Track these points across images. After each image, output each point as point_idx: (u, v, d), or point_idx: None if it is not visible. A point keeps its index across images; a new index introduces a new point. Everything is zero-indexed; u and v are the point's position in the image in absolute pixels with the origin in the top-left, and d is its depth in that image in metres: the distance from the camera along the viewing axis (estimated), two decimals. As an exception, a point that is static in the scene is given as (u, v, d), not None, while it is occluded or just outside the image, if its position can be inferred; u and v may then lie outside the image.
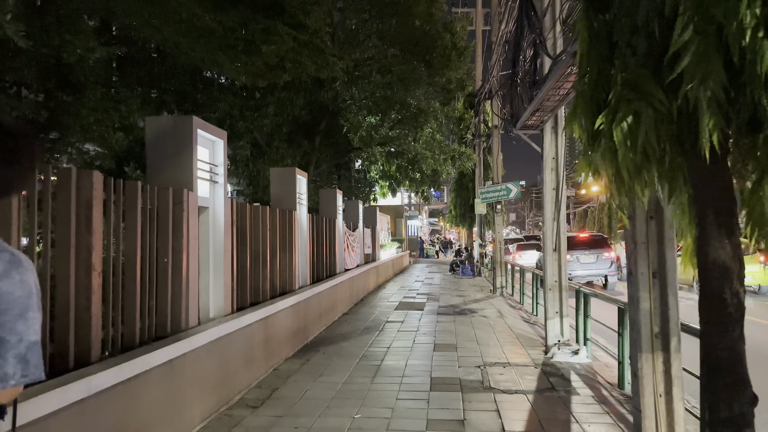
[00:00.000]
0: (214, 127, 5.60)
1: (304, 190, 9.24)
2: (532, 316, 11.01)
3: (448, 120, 22.05)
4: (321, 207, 12.27)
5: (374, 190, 23.09)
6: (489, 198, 15.12)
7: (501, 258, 15.16)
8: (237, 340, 5.54)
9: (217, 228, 5.65)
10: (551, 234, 7.49)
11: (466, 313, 11.47)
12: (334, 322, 10.25)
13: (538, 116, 7.08)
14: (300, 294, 8.03)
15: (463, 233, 49.22)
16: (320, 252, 10.43)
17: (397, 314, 11.28)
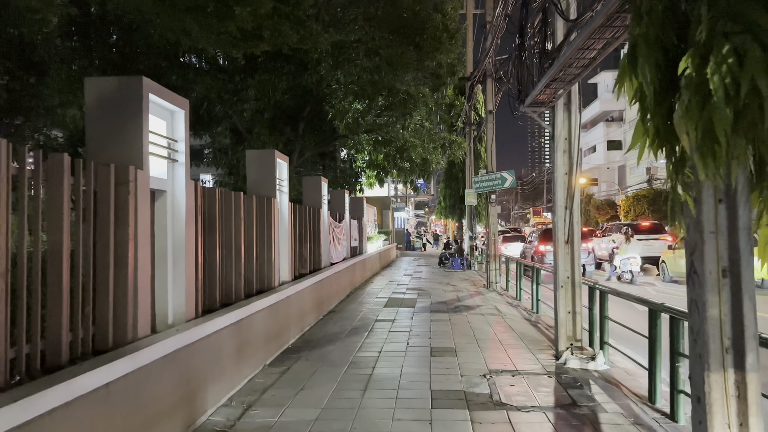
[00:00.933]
0: (172, 94, 4.65)
1: (285, 176, 8.31)
2: (532, 313, 10.20)
3: (437, 107, 21.17)
4: (304, 196, 11.34)
5: (360, 180, 22.19)
6: (483, 188, 14.29)
7: (495, 251, 14.35)
8: (202, 350, 4.62)
9: (177, 216, 4.71)
10: (563, 224, 6.64)
11: (461, 310, 10.63)
12: (319, 322, 9.35)
13: (551, 90, 6.21)
14: (280, 292, 7.12)
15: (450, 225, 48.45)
16: (303, 245, 9.51)
17: (387, 312, 10.41)
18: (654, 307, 4.91)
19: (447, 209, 25.83)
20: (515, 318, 9.67)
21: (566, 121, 6.67)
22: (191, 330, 4.41)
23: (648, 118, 2.92)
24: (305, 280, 8.66)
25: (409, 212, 49.06)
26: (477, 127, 21.45)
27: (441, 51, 16.82)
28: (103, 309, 3.69)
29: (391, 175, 20.23)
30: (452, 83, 21.45)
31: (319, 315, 9.77)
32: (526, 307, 10.96)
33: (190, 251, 4.80)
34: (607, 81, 76.61)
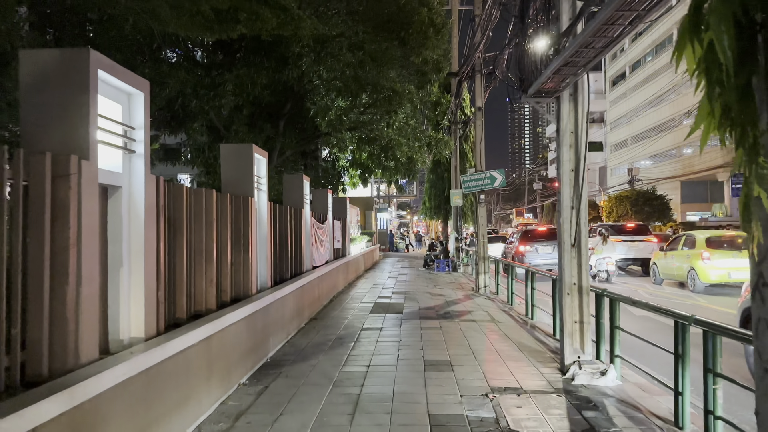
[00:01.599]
0: (129, 73, 3.96)
1: (264, 173, 7.63)
2: (526, 319, 9.64)
3: (423, 104, 20.58)
4: (285, 195, 10.66)
5: (343, 180, 21.53)
6: (472, 187, 13.73)
7: (485, 253, 13.79)
8: (163, 373, 3.94)
9: (135, 216, 4.02)
10: (569, 226, 6.07)
11: (452, 316, 10.03)
12: (301, 331, 8.68)
13: (559, 77, 5.63)
14: (258, 300, 6.44)
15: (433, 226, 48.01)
16: (284, 248, 8.83)
17: (374, 319, 9.77)
18: (681, 319, 4.35)
19: (432, 210, 25.26)
20: (510, 325, 9.09)
21: (572, 113, 6.11)
22: (150, 351, 3.73)
23: (717, 94, 2.33)
24: (286, 285, 7.98)
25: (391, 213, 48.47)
26: (463, 126, 20.94)
27: (427, 46, 16.26)
28: (36, 330, 3.01)
29: (376, 175, 19.59)
30: (438, 80, 20.93)
31: (301, 323, 9.10)
32: (519, 312, 10.41)
33: (151, 257, 4.11)
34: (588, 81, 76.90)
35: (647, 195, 40.68)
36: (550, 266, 18.27)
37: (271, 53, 15.42)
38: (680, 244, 15.19)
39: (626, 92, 62.23)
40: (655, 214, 39.68)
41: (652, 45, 56.47)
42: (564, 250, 6.08)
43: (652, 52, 56.80)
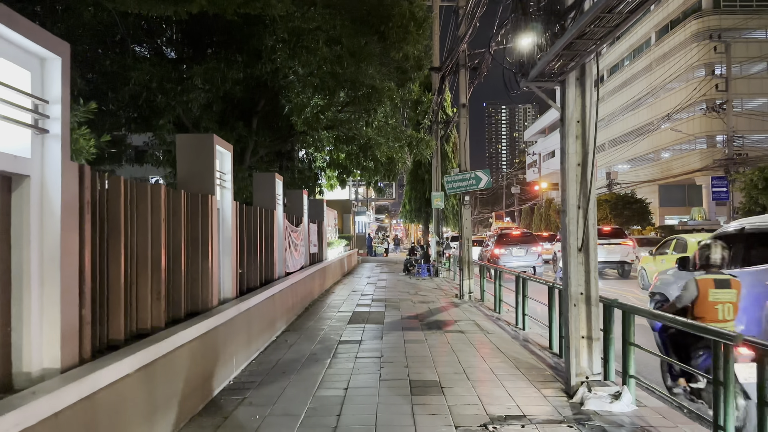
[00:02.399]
0: (40, 31, 3.09)
1: (229, 168, 6.77)
2: (518, 330, 8.90)
3: (403, 103, 19.85)
4: (255, 195, 9.79)
5: (320, 182, 20.68)
6: (456, 188, 13.00)
7: (469, 257, 13.05)
8: (81, 417, 3.07)
9: (49, 213, 3.15)
10: (576, 227, 5.33)
11: (437, 326, 9.25)
12: (271, 345, 7.81)
13: (564, 59, 4.89)
14: (220, 314, 5.57)
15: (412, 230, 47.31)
16: (252, 253, 7.95)
17: (352, 330, 8.95)
18: (725, 338, 3.61)
19: (412, 213, 24.50)
20: (501, 337, 8.34)
21: (579, 99, 5.38)
22: (62, 389, 2.86)
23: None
24: (254, 295, 7.11)
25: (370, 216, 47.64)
26: (444, 126, 20.25)
27: (408, 41, 15.54)
28: None
29: (354, 176, 18.76)
30: (419, 79, 20.21)
31: (272, 336, 8.22)
32: (508, 321, 9.67)
33: (70, 265, 3.24)
34: (566, 86, 77.22)
35: (627, 198, 40.54)
36: (524, 268, 18.86)
37: (243, 47, 14.55)
38: (671, 248, 14.68)
39: (604, 96, 62.38)
40: (635, 218, 39.54)
41: (629, 49, 56.73)
42: (569, 255, 5.33)
43: (629, 56, 57.06)
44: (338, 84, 15.24)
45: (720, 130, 41.83)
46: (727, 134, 32.38)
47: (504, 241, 21.74)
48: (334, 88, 15.39)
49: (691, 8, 45.81)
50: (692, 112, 44.18)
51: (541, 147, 79.47)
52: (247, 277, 7.78)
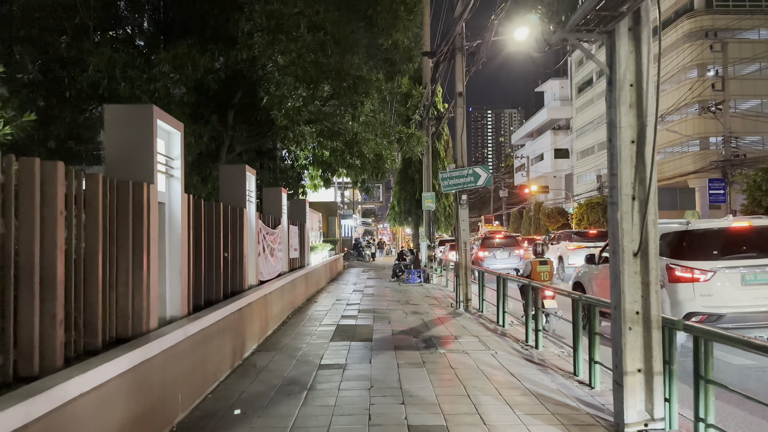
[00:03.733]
0: None
1: (178, 152, 5.39)
2: (530, 349, 7.57)
3: (392, 96, 18.53)
4: (222, 191, 8.39)
5: (304, 182, 19.28)
6: (452, 186, 11.68)
7: (467, 262, 11.73)
8: None
9: None
10: (630, 225, 4.01)
11: (435, 344, 7.89)
12: (236, 372, 6.40)
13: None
14: (156, 341, 4.17)
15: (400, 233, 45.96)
16: (214, 259, 6.55)
17: (336, 350, 7.56)
18: None
19: (401, 215, 23.13)
20: (512, 359, 7.00)
21: (633, 56, 4.08)
22: None
23: None
24: (212, 312, 5.70)
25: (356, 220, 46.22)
26: (436, 123, 18.98)
27: (397, 28, 14.26)
28: None
29: (339, 175, 17.37)
30: (408, 72, 18.89)
31: (238, 359, 6.81)
32: (516, 338, 8.35)
33: None
34: (554, 89, 76.45)
35: (620, 201, 39.55)
36: (506, 270, 18.27)
37: (217, 33, 13.12)
38: None
39: (593, 98, 61.67)
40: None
41: (619, 51, 55.91)
42: (622, 261, 4.01)
43: (619, 58, 56.21)
44: (322, 74, 13.83)
45: (714, 132, 41.11)
46: (724, 135, 31.56)
47: (488, 245, 22.64)
48: (318, 78, 13.97)
49: (683, 8, 45.06)
50: (684, 114, 43.39)
51: (529, 150, 78.62)
52: (207, 288, 6.37)
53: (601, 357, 5.59)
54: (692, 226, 7.65)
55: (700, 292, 6.99)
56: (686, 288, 7.06)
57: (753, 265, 7.03)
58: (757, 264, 7.04)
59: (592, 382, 5.63)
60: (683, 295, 7.06)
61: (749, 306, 6.88)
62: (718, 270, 7.01)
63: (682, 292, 7.07)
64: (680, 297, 7.06)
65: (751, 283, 6.96)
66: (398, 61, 17.27)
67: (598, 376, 5.62)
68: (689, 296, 7.01)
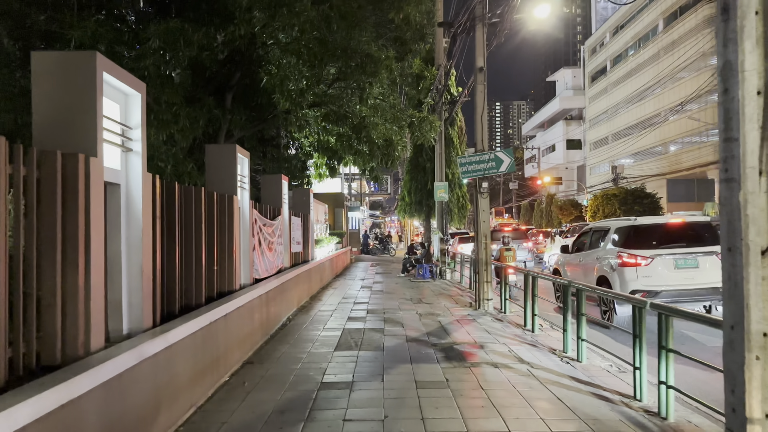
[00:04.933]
0: None
1: (138, 120, 4.22)
2: (572, 362, 6.39)
3: (402, 79, 17.27)
4: (209, 175, 7.24)
5: (309, 172, 18.10)
6: (472, 172, 10.48)
7: (488, 257, 10.54)
8: None
9: None
10: (758, 209, 2.81)
11: (458, 356, 6.72)
12: (220, 392, 5.26)
13: None
14: (91, 370, 3.03)
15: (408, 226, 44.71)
16: (191, 255, 5.40)
17: (341, 362, 6.41)
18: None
19: (412, 206, 21.90)
20: (553, 375, 5.82)
21: (762, -30, 2.85)
22: None
23: None
24: (186, 323, 4.55)
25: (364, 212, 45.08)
26: (449, 108, 17.73)
27: (408, 1, 13.03)
28: None
29: (346, 163, 16.15)
30: (420, 53, 17.63)
31: (224, 375, 5.67)
32: (550, 346, 7.17)
33: None
34: (566, 78, 74.70)
35: (637, 193, 38.16)
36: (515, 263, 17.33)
37: (214, 8, 11.92)
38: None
39: (607, 87, 60.08)
40: (646, 214, 37.17)
41: (634, 38, 54.31)
42: (746, 262, 2.82)
43: (635, 45, 54.63)
44: (327, 52, 12.58)
45: (735, 121, 39.52)
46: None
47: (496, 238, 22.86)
48: (322, 57, 12.72)
49: (703, -9, 43.38)
50: (704, 102, 41.83)
51: (540, 141, 77.09)
52: (183, 292, 5.23)
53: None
54: (638, 222, 9.61)
55: (642, 274, 8.75)
56: (631, 271, 8.83)
57: (683, 253, 8.81)
58: (686, 252, 8.82)
59: (665, 411, 4.44)
60: (629, 276, 8.82)
61: (680, 285, 8.63)
62: (656, 256, 8.77)
63: (628, 274, 8.84)
64: (627, 278, 8.82)
65: (682, 267, 8.75)
66: (409, 40, 15.99)
67: (669, 403, 4.43)
68: (633, 277, 8.78)
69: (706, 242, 8.95)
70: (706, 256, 8.75)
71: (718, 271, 7.27)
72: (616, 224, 9.83)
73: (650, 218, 10.29)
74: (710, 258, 8.71)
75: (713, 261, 8.65)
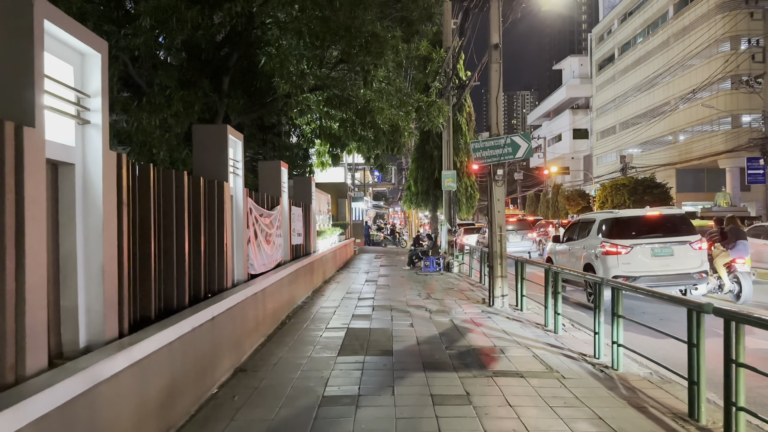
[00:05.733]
0: None
1: (98, 87, 3.45)
2: (607, 370, 5.64)
3: (409, 62, 16.43)
4: (196, 159, 6.47)
5: (311, 160, 17.32)
6: (486, 158, 9.71)
7: (503, 250, 9.79)
8: None
9: None
10: None
11: (477, 363, 5.98)
12: (205, 409, 4.53)
13: None
14: (30, 401, 2.29)
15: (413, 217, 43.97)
16: (171, 250, 4.65)
17: (345, 369, 5.68)
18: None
19: (419, 196, 21.09)
20: (587, 386, 5.07)
21: None
22: None
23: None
24: (162, 330, 3.82)
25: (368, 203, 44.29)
26: (457, 93, 16.92)
27: (417, -29, 12.25)
28: None
29: (349, 151, 15.36)
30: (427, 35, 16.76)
31: (211, 387, 4.94)
32: (578, 351, 6.43)
33: None
34: (573, 66, 73.48)
35: (647, 183, 37.25)
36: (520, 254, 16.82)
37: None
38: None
39: (615, 76, 59.00)
40: (656, 204, 36.29)
41: (643, 25, 53.16)
42: None
43: (643, 32, 53.48)
44: (328, 31, 11.75)
45: (747, 109, 38.58)
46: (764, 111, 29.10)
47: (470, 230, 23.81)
48: (324, 36, 11.90)
49: (715, -22, 42.23)
50: (714, 90, 40.78)
51: (545, 131, 75.99)
52: (162, 293, 4.49)
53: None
54: (619, 214, 10.64)
55: (622, 261, 9.69)
56: (613, 258, 9.77)
57: (660, 242, 9.74)
58: (662, 241, 9.76)
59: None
60: (611, 263, 9.76)
61: (657, 271, 9.61)
62: (635, 246, 9.70)
63: (610, 261, 9.78)
64: (609, 264, 9.76)
65: (658, 255, 9.69)
66: (416, 19, 15.15)
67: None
68: (615, 264, 9.73)
69: (681, 233, 9.89)
70: (680, 245, 9.71)
71: (690, 259, 9.65)
72: (600, 216, 10.89)
73: (631, 211, 11.49)
74: (684, 247, 9.71)
75: (686, 250, 9.69)
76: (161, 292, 4.46)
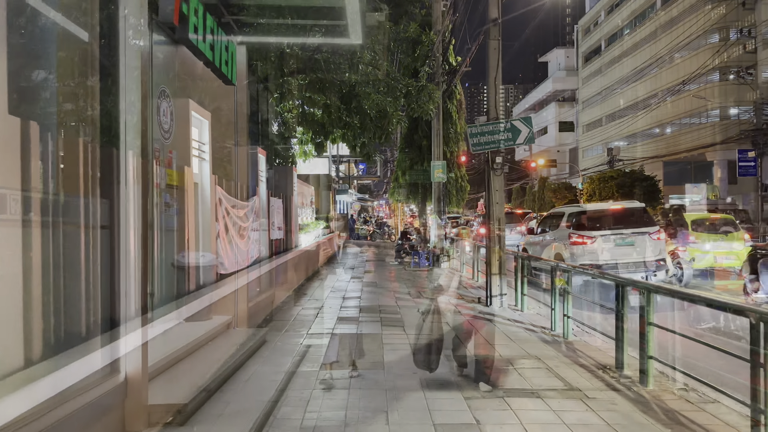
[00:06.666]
0: None
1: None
2: (634, 385, 4.82)
3: (397, 45, 15.51)
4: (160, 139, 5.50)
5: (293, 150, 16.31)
6: (483, 144, 8.84)
7: (502, 245, 8.96)
8: None
9: None
10: None
11: (483, 377, 5.12)
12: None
13: None
14: None
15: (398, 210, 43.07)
16: (78, 249, 3.72)
17: (327, 387, 4.79)
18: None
19: (407, 188, 20.21)
20: (622, 411, 4.25)
21: None
22: None
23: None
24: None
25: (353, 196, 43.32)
26: (447, 79, 16.03)
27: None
28: None
29: (334, 140, 14.42)
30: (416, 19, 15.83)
31: (163, 416, 4.03)
32: (598, 361, 5.61)
33: None
34: (559, 59, 72.92)
35: (636, 175, 36.74)
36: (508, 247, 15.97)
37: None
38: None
39: (601, 68, 58.53)
40: (645, 197, 35.81)
41: (630, 16, 52.67)
42: None
43: (630, 24, 53.00)
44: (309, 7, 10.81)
45: (736, 101, 38.21)
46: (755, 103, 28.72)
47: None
48: (305, 14, 10.94)
49: (703, -31, 41.73)
50: (703, 82, 40.36)
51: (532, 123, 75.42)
52: (61, 317, 3.56)
53: None
54: (586, 208, 11.69)
55: (588, 251, 10.40)
56: (579, 248, 10.48)
57: (622, 234, 10.41)
58: (624, 232, 10.42)
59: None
60: (578, 252, 10.45)
61: (618, 259, 10.20)
62: (599, 237, 10.39)
63: (577, 250, 10.46)
64: (576, 254, 10.43)
65: (620, 245, 10.35)
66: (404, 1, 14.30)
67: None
68: (581, 253, 10.40)
69: (642, 225, 10.62)
70: (640, 236, 10.43)
71: (649, 249, 10.64)
72: (569, 210, 11.94)
73: (597, 205, 12.79)
74: (644, 237, 10.41)
75: (646, 240, 10.41)
76: (58, 319, 3.52)
